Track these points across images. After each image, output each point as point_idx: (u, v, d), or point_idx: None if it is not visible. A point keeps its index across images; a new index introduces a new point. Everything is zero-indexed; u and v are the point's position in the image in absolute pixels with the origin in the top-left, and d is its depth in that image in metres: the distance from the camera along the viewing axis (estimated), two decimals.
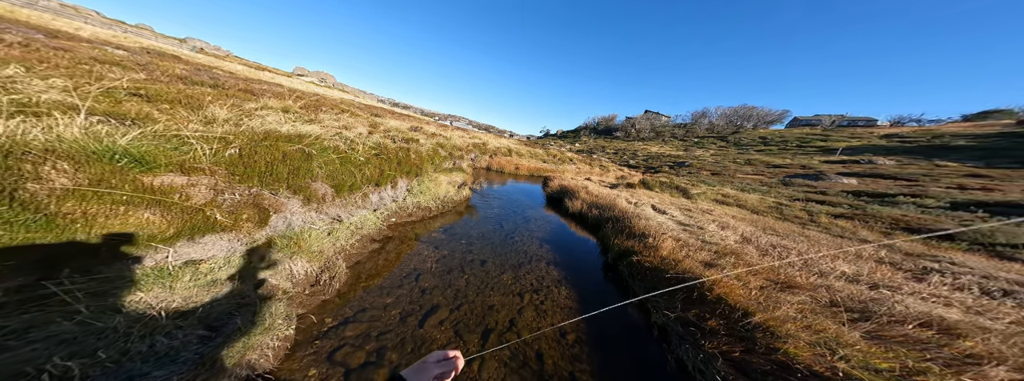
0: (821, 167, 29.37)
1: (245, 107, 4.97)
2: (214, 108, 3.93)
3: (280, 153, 2.85)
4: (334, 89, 57.80)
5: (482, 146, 19.09)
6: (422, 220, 6.55)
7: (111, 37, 14.29)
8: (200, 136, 2.49)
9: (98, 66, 5.26)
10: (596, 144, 71.36)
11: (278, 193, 2.69)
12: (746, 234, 6.23)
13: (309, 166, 3.21)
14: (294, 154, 3.01)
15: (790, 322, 2.62)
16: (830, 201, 13.77)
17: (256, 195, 2.43)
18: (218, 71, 14.29)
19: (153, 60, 9.15)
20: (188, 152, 2.31)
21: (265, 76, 25.77)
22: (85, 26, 16.41)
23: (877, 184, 19.40)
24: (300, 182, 2.99)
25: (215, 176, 2.22)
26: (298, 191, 2.98)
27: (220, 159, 2.44)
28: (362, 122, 8.62)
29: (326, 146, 3.65)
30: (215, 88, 7.02)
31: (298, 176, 2.99)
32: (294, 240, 2.84)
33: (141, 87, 4.02)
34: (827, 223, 9.16)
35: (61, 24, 13.65)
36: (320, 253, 3.16)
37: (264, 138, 2.89)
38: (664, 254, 4.66)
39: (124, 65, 6.52)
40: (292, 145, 3.08)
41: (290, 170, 2.88)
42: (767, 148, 49.86)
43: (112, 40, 13.12)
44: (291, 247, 2.72)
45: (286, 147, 2.95)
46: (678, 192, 12.54)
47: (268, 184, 2.59)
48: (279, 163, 2.80)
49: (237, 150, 2.55)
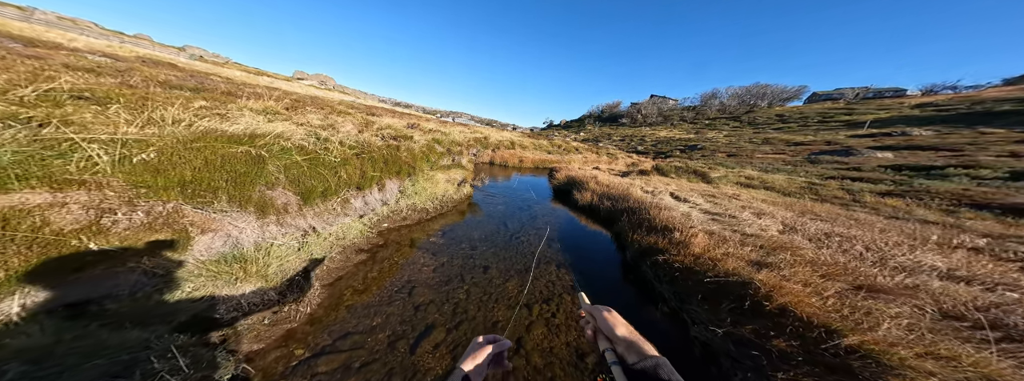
0: (849, 142, 27.40)
1: (213, 108, 4.45)
2: (169, 109, 3.41)
3: (217, 156, 2.29)
4: (335, 91, 57.83)
5: (483, 140, 18.44)
6: (419, 223, 5.98)
7: (106, 47, 14.07)
8: (96, 139, 1.94)
9: (65, 72, 4.85)
10: (601, 132, 69.76)
11: (209, 206, 2.13)
12: (787, 221, 5.40)
13: (260, 171, 2.65)
14: (238, 157, 2.44)
15: (901, 346, 1.91)
16: (868, 177, 12.49)
17: (172, 211, 1.88)
18: (215, 77, 14.00)
19: (136, 66, 8.81)
20: (80, 160, 1.78)
21: (264, 81, 25.65)
22: (80, 37, 16.28)
23: (916, 156, 17.76)
24: (247, 191, 2.43)
25: (104, 190, 1.67)
26: (246, 202, 2.43)
27: (129, 167, 1.90)
28: (352, 121, 8.08)
29: (287, 146, 3.08)
30: (195, 91, 6.58)
31: (244, 184, 2.43)
32: (242, 262, 2.30)
33: (87, 89, 3.52)
34: (874, 202, 8.12)
35: (54, 36, 13.51)
36: (280, 273, 2.61)
37: (197, 139, 2.32)
38: (697, 251, 3.93)
39: (97, 71, 6.14)
40: (237, 146, 2.51)
41: (231, 177, 2.32)
42: (785, 126, 47.35)
43: (107, 50, 12.87)
44: (233, 272, 2.18)
45: (227, 149, 2.38)
46: (697, 177, 11.60)
47: (195, 196, 2.04)
48: (215, 169, 2.24)
49: (154, 154, 2.00)
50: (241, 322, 2.21)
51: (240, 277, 2.19)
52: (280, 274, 2.67)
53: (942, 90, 57.09)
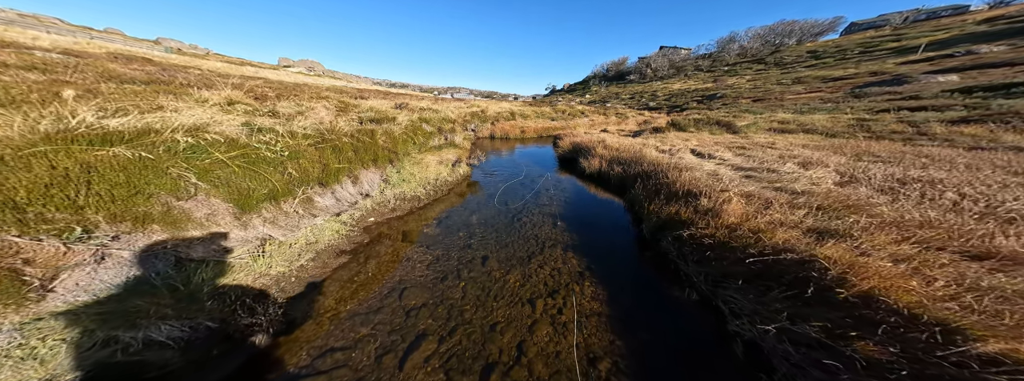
0: (898, 70, 23.80)
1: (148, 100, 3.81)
2: (74, 104, 2.81)
3: (75, 164, 1.70)
4: (324, 77, 55.84)
5: (481, 114, 17.25)
6: (411, 213, 5.45)
7: (72, 44, 13.30)
8: None
9: None
10: (609, 92, 65.43)
11: (68, 234, 1.57)
12: (842, 168, 4.41)
13: (157, 178, 2.06)
14: (112, 162, 1.84)
15: None
16: (931, 105, 10.54)
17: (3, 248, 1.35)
18: (193, 70, 13.23)
19: (95, 62, 8.15)
20: None
21: (247, 70, 24.64)
22: (44, 36, 15.47)
23: (988, 75, 15.07)
24: (137, 206, 1.87)
25: None
26: (141, 220, 1.88)
27: None
28: (327, 106, 7.32)
29: (203, 142, 2.43)
30: (148, 85, 5.98)
31: (133, 197, 1.86)
32: (152, 295, 1.81)
33: None
34: (945, 133, 6.73)
35: (13, 34, 12.82)
36: (220, 296, 2.13)
37: (44, 140, 1.69)
38: (732, 221, 3.17)
39: (41, 68, 5.61)
40: (111, 147, 1.89)
41: (107, 190, 1.74)
42: (820, 62, 42.09)
43: (73, 47, 12.12)
44: (139, 310, 1.68)
45: (89, 154, 1.77)
46: (720, 128, 10.27)
47: (41, 222, 1.48)
48: (70, 183, 1.65)
49: None
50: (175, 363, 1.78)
51: (149, 315, 1.71)
52: (218, 298, 2.20)
53: (1014, 1, 48.12)
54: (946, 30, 38.13)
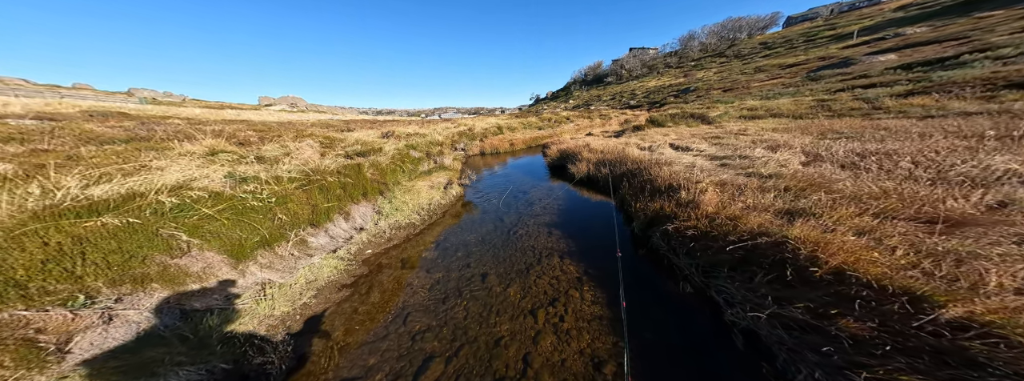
0: (843, 54, 25.55)
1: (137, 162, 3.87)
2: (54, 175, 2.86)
3: (67, 238, 1.76)
4: (309, 112, 56.10)
5: (469, 132, 17.54)
6: (407, 240, 5.49)
7: (44, 106, 12.89)
8: None
9: None
10: (590, 95, 67.55)
11: (72, 303, 1.62)
12: (808, 148, 4.68)
13: (147, 240, 2.11)
14: (102, 231, 1.90)
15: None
16: (880, 82, 11.37)
17: (4, 323, 1.38)
18: (174, 120, 13.05)
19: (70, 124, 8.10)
20: None
21: (228, 114, 24.61)
22: (13, 100, 15.11)
23: (921, 52, 16.29)
24: (134, 268, 1.92)
25: None
26: (141, 281, 1.92)
27: None
28: (312, 144, 7.45)
29: (188, 199, 2.51)
30: (127, 143, 6.00)
31: (128, 261, 1.91)
32: (166, 346, 1.83)
33: None
34: (897, 106, 7.22)
35: None
36: (228, 342, 2.14)
37: (32, 219, 1.75)
38: (710, 210, 3.33)
39: (17, 138, 5.61)
40: (98, 218, 1.95)
41: (101, 257, 1.80)
42: (772, 52, 45.10)
43: (45, 109, 11.73)
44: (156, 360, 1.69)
45: (80, 225, 1.83)
46: (695, 120, 10.71)
47: (45, 294, 1.53)
48: (64, 256, 1.70)
49: None
50: None
51: (166, 363, 1.72)
52: (228, 342, 2.21)
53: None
54: (870, 18, 41.78)
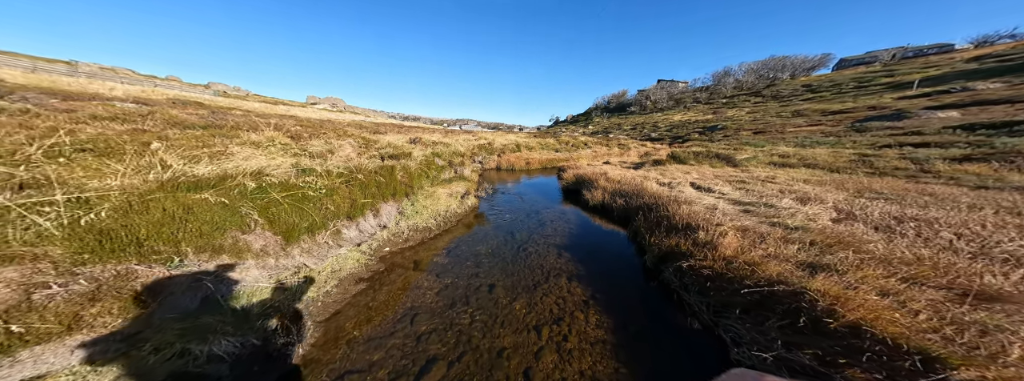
0: (898, 105, 24.45)
1: (212, 146, 4.50)
2: (160, 155, 3.44)
3: (178, 206, 2.18)
4: (346, 113, 60.16)
5: (488, 146, 18.23)
6: (422, 243, 5.78)
7: (140, 92, 15.61)
8: (54, 202, 1.85)
9: (89, 123, 5.15)
10: (611, 123, 67.62)
11: (169, 263, 2.00)
12: (840, 205, 4.61)
13: (230, 215, 2.52)
14: (203, 204, 2.33)
15: None
16: (934, 142, 10.72)
17: (121, 275, 1.76)
18: (235, 111, 14.78)
19: (161, 110, 9.41)
20: (27, 228, 1.69)
21: (280, 109, 27.06)
22: (118, 86, 18.40)
23: (989, 112, 15.38)
24: (215, 240, 2.31)
25: (42, 261, 1.56)
26: (217, 251, 2.30)
27: (77, 231, 1.80)
28: (352, 143, 8.14)
29: (264, 184, 2.96)
30: (205, 129, 6.85)
31: (212, 232, 2.31)
32: (217, 314, 2.15)
33: (91, 141, 3.63)
34: (949, 171, 6.83)
35: (97, 87, 15.28)
36: (263, 317, 2.44)
37: (156, 190, 2.23)
38: (728, 254, 3.39)
39: (122, 118, 6.55)
40: (200, 193, 2.40)
41: (195, 227, 2.20)
42: (817, 95, 43.42)
43: (140, 95, 14.16)
44: (208, 326, 2.02)
45: (189, 197, 2.27)
46: (721, 161, 10.65)
47: (152, 253, 1.92)
48: (175, 221, 2.12)
49: (106, 214, 1.90)
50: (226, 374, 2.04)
51: (214, 329, 2.03)
52: (264, 318, 2.51)
53: (999, 40, 49.68)
54: (936, 67, 39.19)
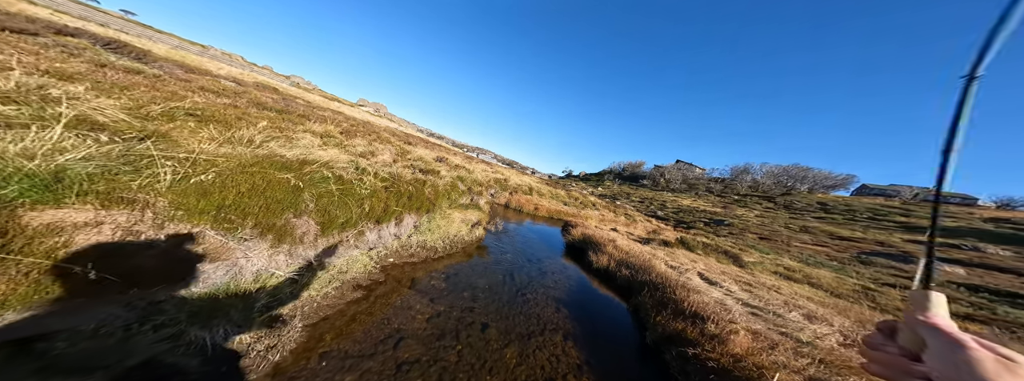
0: (906, 247, 24.63)
1: (285, 129, 4.93)
2: (248, 129, 3.81)
3: (264, 182, 2.40)
4: (384, 118, 64.02)
5: (503, 182, 18.72)
6: (425, 262, 5.76)
7: (239, 74, 17.94)
8: (173, 157, 2.10)
9: (198, 93, 5.75)
10: (620, 190, 68.40)
11: (232, 234, 2.13)
12: (846, 331, 4.56)
13: (296, 198, 2.72)
14: (281, 183, 2.55)
15: None
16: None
17: (195, 237, 1.89)
18: (299, 101, 16.30)
19: (248, 90, 10.45)
20: (148, 177, 1.90)
21: (334, 105, 29.19)
22: (225, 67, 21.30)
23: (994, 278, 15.47)
24: (274, 219, 2.46)
25: (146, 210, 1.72)
26: (268, 230, 2.43)
27: (184, 187, 2.00)
28: (390, 149, 8.63)
29: (327, 175, 3.22)
30: (279, 113, 7.47)
31: (276, 211, 2.48)
32: (231, 295, 2.19)
33: (198, 108, 4.07)
34: None
35: (211, 66, 17.73)
36: (265, 309, 2.45)
37: (254, 163, 2.49)
38: (738, 352, 3.32)
39: (221, 92, 7.27)
40: (286, 173, 2.64)
41: (266, 203, 2.38)
42: (829, 216, 43.77)
43: (238, 76, 16.29)
44: (217, 307, 2.05)
45: (276, 175, 2.51)
46: (727, 258, 10.65)
47: (225, 221, 2.07)
48: (257, 194, 2.31)
49: (212, 176, 2.12)
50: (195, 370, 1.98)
51: (222, 313, 2.06)
52: (265, 310, 2.51)
53: (1020, 206, 50.74)
54: (954, 218, 39.30)
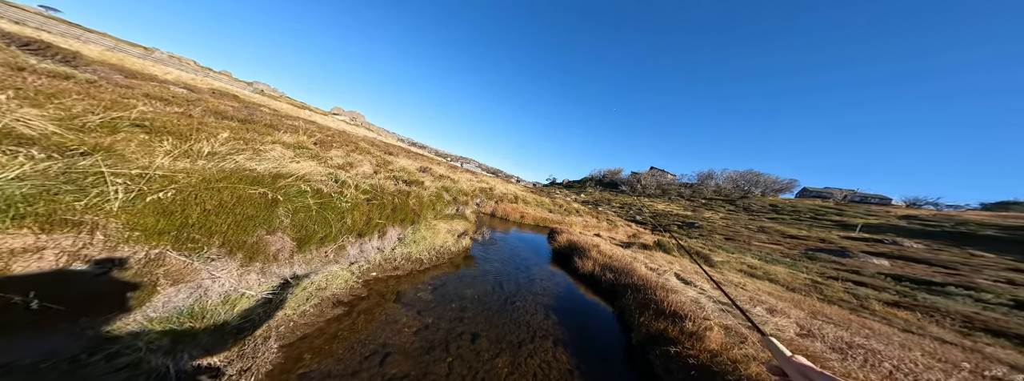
0: (843, 242, 27.82)
1: (251, 141, 4.63)
2: (208, 142, 3.53)
3: (234, 198, 2.25)
4: (361, 128, 61.69)
5: (489, 191, 18.73)
6: (410, 274, 5.57)
7: (190, 80, 16.16)
8: (123, 174, 1.90)
9: (143, 101, 5.20)
10: (602, 196, 70.97)
11: (197, 253, 1.95)
12: (801, 322, 5.01)
13: (269, 215, 2.56)
14: (253, 199, 2.39)
15: None
16: (870, 283, 12.34)
17: (154, 259, 1.72)
18: (264, 109, 15.20)
19: (204, 97, 9.65)
20: (94, 197, 1.71)
21: (304, 114, 27.61)
22: (173, 71, 18.89)
23: (912, 268, 17.80)
24: (245, 236, 2.30)
25: (96, 232, 1.55)
26: (238, 248, 2.26)
27: (140, 206, 1.82)
28: (370, 160, 8.37)
29: (304, 189, 3.06)
30: (242, 122, 6.99)
31: (246, 228, 2.31)
32: (197, 319, 1.99)
33: (146, 119, 3.72)
34: (883, 312, 7.74)
35: (156, 70, 15.79)
36: (236, 332, 2.25)
37: (222, 178, 2.31)
38: (714, 347, 3.54)
39: (170, 100, 6.65)
40: (258, 187, 2.49)
41: (236, 220, 2.22)
42: (779, 216, 48.66)
43: (190, 82, 14.64)
44: (181, 331, 1.85)
45: (246, 190, 2.35)
46: (700, 258, 11.30)
47: (188, 241, 1.89)
48: (224, 211, 2.15)
49: (172, 193, 1.95)
50: None
51: (187, 338, 1.86)
52: (236, 333, 2.31)
53: (925, 204, 57.78)
54: (875, 217, 45.13)
